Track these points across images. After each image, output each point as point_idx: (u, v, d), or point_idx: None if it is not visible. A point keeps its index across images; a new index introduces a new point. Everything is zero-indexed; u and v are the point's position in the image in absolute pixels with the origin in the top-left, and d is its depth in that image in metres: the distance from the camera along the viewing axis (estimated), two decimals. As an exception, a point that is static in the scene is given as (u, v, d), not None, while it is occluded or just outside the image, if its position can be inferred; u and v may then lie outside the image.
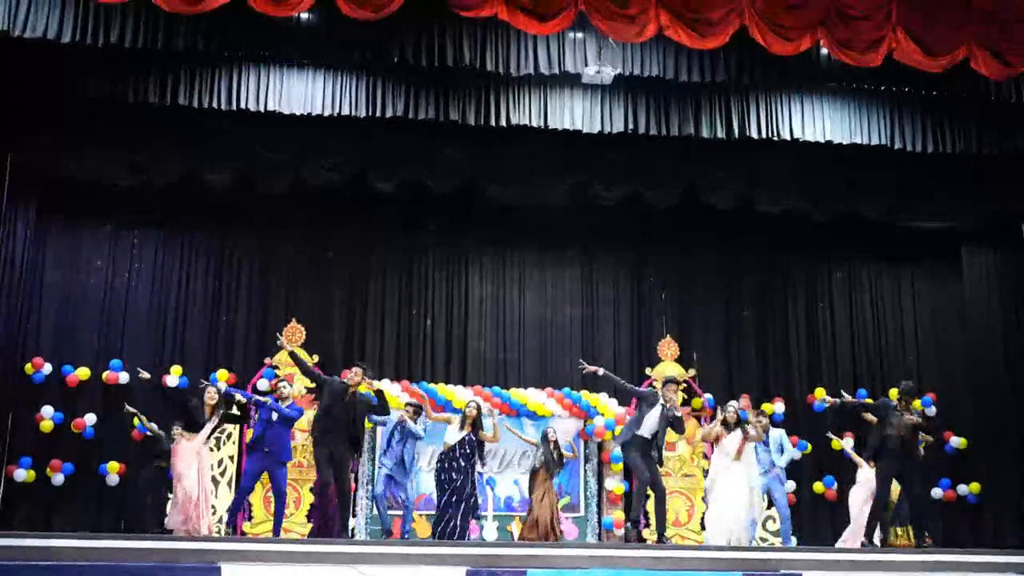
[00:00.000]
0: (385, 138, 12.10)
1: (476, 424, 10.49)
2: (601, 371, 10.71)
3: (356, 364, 10.73)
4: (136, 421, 12.11)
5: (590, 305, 14.42)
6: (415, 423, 10.92)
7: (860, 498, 11.56)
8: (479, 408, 10.72)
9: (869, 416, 11.20)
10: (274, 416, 10.00)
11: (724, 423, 10.31)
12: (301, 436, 11.98)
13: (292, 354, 10.53)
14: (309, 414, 11.44)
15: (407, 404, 11.24)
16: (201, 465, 9.73)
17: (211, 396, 9.89)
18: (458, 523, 10.07)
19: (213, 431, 9.94)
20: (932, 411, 14.12)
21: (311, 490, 11.38)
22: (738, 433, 10.23)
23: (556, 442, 11.31)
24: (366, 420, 10.62)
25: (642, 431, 9.97)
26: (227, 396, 10.49)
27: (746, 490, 10.24)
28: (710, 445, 11.59)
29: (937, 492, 13.79)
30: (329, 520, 9.99)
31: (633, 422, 10.15)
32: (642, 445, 10.00)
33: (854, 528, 11.49)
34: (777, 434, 11.36)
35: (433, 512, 10.69)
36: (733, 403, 10.83)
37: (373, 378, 10.84)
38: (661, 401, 10.08)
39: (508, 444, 12.52)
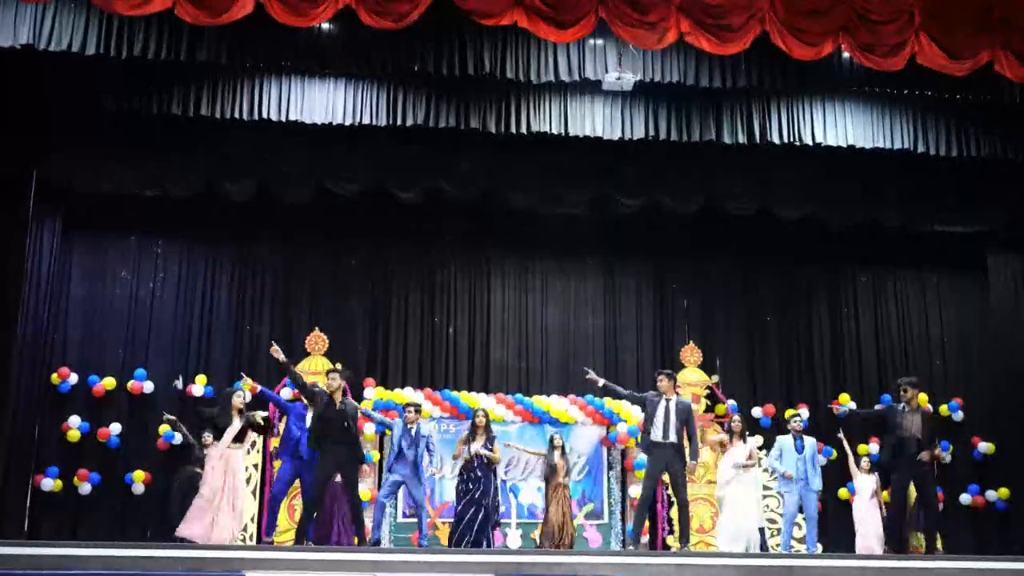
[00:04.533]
0: (406, 147, 12.15)
1: (488, 431, 10.52)
2: (602, 382, 10.33)
3: (332, 370, 10.16)
4: (163, 430, 12.21)
5: (612, 313, 14.39)
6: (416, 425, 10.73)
7: (861, 506, 11.64)
8: (487, 416, 10.71)
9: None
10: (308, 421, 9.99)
11: (730, 433, 10.50)
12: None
13: (286, 367, 9.92)
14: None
15: (408, 405, 10.93)
16: (228, 469, 9.63)
17: (238, 398, 9.87)
18: (474, 533, 10.07)
19: (239, 435, 9.81)
20: (959, 416, 14.02)
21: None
22: (742, 443, 10.33)
23: (562, 447, 11.27)
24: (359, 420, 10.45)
25: (654, 435, 9.71)
26: (262, 395, 10.45)
27: (754, 498, 10.24)
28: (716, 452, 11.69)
29: (965, 498, 13.69)
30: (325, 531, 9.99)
31: (643, 428, 9.99)
32: (657, 450, 9.72)
33: (861, 537, 11.51)
34: (811, 442, 11.25)
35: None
36: (737, 415, 10.91)
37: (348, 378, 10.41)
38: (665, 396, 9.78)
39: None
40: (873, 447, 13.01)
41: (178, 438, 12.23)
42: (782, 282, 14.73)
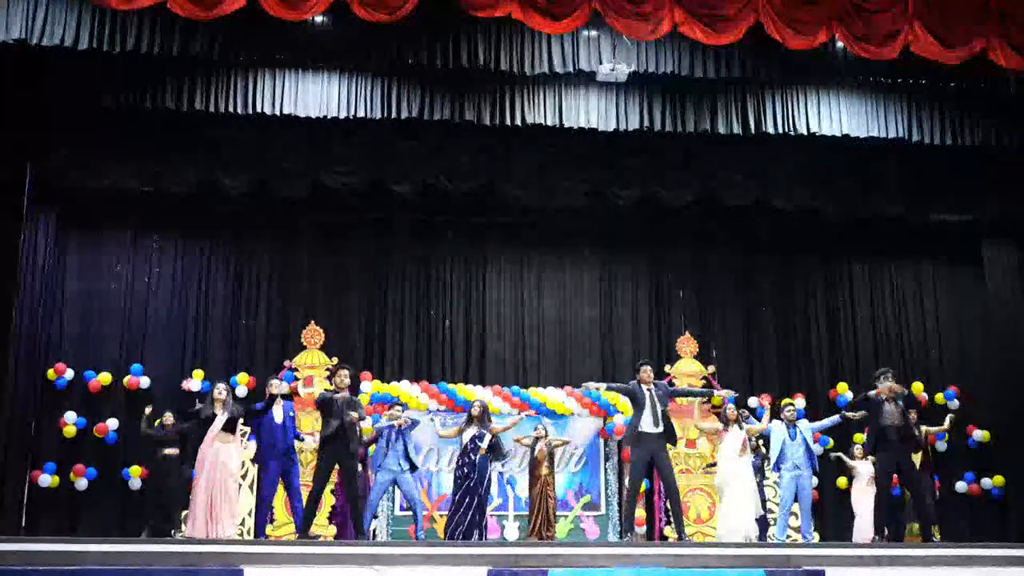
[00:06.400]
0: (401, 141, 12.15)
1: (484, 421, 10.59)
2: (604, 386, 10.37)
3: (339, 366, 10.25)
4: (155, 422, 12.21)
5: (608, 304, 14.41)
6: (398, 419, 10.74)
7: (859, 493, 11.66)
8: (483, 406, 10.80)
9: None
10: (277, 418, 10.02)
11: (725, 421, 10.49)
12: (311, 440, 11.79)
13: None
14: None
15: (392, 406, 11.07)
16: (218, 462, 9.59)
17: (219, 393, 9.88)
18: (467, 523, 10.09)
19: (229, 427, 9.80)
20: (955, 405, 14.04)
21: (332, 492, 11.38)
22: (737, 430, 10.34)
23: (543, 437, 11.28)
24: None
25: (644, 426, 9.69)
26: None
27: (751, 487, 10.26)
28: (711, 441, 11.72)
29: (961, 486, 13.73)
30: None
31: (633, 420, 9.94)
32: (644, 440, 9.68)
33: (859, 524, 11.54)
34: (804, 425, 11.25)
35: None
36: (730, 403, 10.88)
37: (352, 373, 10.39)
38: (645, 386, 9.77)
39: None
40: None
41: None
42: (779, 273, 14.75)
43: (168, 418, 11.70)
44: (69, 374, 12.81)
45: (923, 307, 14.86)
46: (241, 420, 10.03)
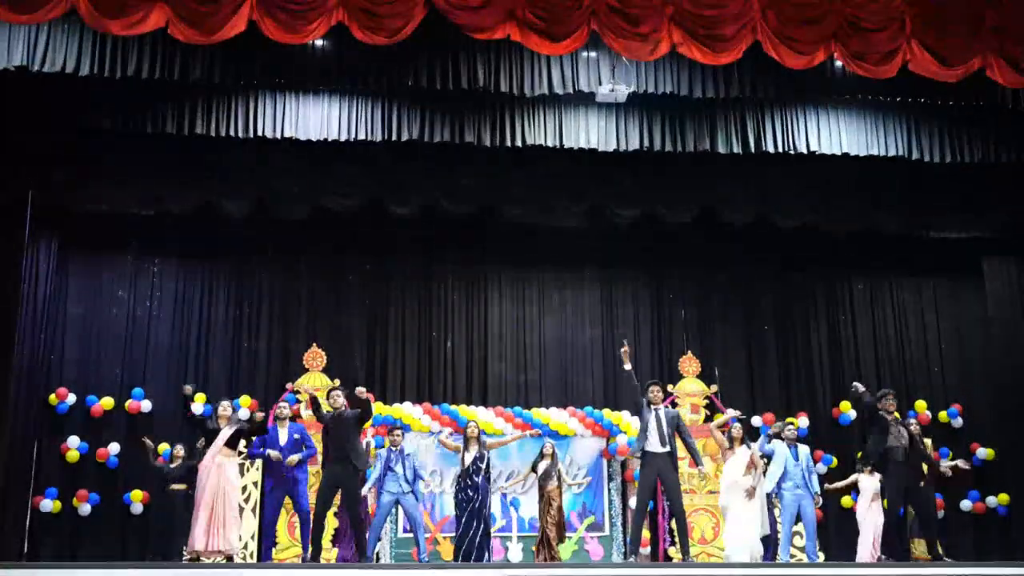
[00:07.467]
0: (401, 163, 12.16)
1: (480, 442, 10.62)
2: (629, 366, 10.07)
3: (333, 389, 10.21)
4: (162, 449, 12.19)
5: (610, 324, 14.39)
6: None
7: (864, 508, 11.56)
8: (478, 427, 10.84)
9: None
10: (281, 441, 10.00)
11: (731, 440, 10.43)
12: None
13: (314, 401, 10.15)
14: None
15: (392, 429, 11.01)
16: (222, 477, 9.58)
17: (224, 409, 9.89)
18: (478, 542, 10.05)
19: (231, 442, 9.79)
20: (959, 423, 14.01)
21: (335, 515, 11.34)
22: (745, 448, 10.30)
23: (553, 455, 11.31)
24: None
25: (651, 445, 9.66)
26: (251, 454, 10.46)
27: (757, 507, 10.22)
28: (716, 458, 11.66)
29: (966, 504, 13.67)
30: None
31: (639, 440, 9.90)
32: (651, 460, 9.66)
33: (863, 541, 11.47)
34: (805, 450, 11.24)
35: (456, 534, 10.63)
36: (737, 421, 10.83)
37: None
38: (655, 406, 9.75)
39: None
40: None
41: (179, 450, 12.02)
42: (780, 290, 14.74)
43: (179, 450, 11.67)
44: (71, 399, 12.79)
45: (924, 324, 14.84)
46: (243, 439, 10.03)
